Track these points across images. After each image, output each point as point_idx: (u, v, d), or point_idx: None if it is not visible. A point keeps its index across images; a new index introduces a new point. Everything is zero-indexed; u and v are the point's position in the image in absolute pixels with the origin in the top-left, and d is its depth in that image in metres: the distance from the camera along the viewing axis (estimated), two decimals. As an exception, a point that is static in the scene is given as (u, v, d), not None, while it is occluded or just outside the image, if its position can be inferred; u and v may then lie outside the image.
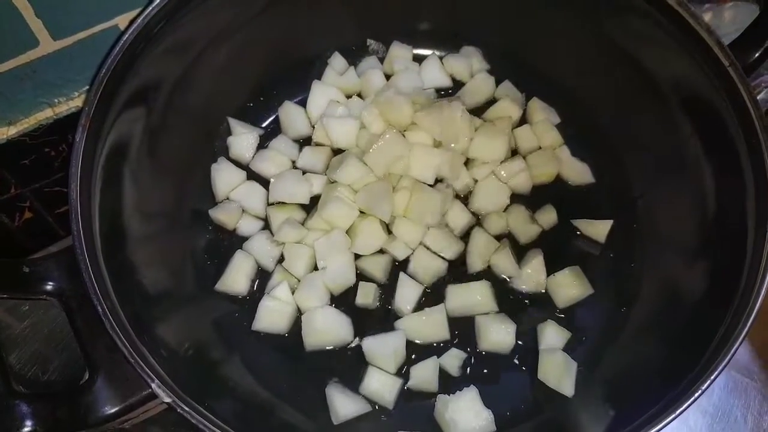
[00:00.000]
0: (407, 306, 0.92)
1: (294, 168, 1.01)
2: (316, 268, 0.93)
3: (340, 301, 0.93)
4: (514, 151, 1.04)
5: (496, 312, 0.92)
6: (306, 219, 0.97)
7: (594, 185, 1.03)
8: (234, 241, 0.97)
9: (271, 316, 0.90)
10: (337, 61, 1.08)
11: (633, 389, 0.82)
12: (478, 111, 1.06)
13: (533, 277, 0.94)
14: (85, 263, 0.70)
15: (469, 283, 0.94)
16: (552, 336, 0.90)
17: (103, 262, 0.73)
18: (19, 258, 0.79)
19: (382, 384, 0.87)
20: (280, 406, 0.86)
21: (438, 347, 0.91)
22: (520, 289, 0.95)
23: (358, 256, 0.94)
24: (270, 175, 1.00)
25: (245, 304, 0.93)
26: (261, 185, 1.00)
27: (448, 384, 0.88)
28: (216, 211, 0.97)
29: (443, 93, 1.08)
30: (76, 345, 0.74)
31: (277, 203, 0.98)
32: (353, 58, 1.09)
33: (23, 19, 0.80)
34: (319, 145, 1.03)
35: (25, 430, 0.68)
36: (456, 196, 1.00)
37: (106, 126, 0.78)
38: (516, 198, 1.00)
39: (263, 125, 1.07)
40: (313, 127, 1.04)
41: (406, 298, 0.92)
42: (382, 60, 1.10)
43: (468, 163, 1.01)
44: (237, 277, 0.93)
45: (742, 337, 0.71)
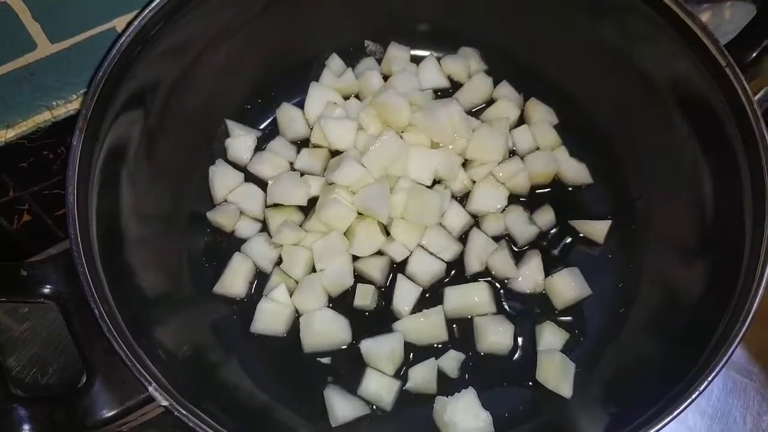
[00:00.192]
0: (405, 307, 0.92)
1: (292, 170, 1.01)
2: (314, 270, 0.93)
3: (338, 303, 0.93)
4: (512, 152, 1.04)
5: (494, 313, 0.92)
6: (304, 221, 0.97)
7: (592, 186, 1.03)
8: (232, 244, 0.97)
9: (269, 318, 0.90)
10: (334, 62, 1.08)
11: (632, 390, 0.82)
12: (476, 112, 1.06)
13: (531, 278, 0.94)
14: (82, 266, 0.70)
15: (467, 285, 0.94)
16: (550, 337, 0.90)
17: (101, 265, 0.73)
18: (19, 261, 0.79)
19: (380, 386, 0.87)
20: (278, 409, 0.86)
21: (436, 349, 0.91)
22: (519, 290, 0.94)
23: (356, 257, 0.94)
24: (268, 177, 1.00)
25: (243, 306, 0.93)
26: (259, 187, 1.00)
27: (447, 385, 0.88)
28: (214, 214, 0.97)
29: (441, 94, 1.08)
30: (74, 348, 0.74)
31: (275, 205, 0.98)
32: (351, 59, 1.09)
33: (21, 22, 0.80)
34: (316, 146, 1.03)
35: (23, 433, 0.68)
36: (454, 197, 0.99)
37: (104, 129, 0.78)
38: (514, 199, 1.00)
39: (261, 127, 1.07)
40: (311, 128, 1.03)
41: (404, 299, 0.92)
42: (379, 61, 1.10)
43: (466, 164, 1.01)
44: (235, 279, 0.93)
45: (740, 337, 0.71)
